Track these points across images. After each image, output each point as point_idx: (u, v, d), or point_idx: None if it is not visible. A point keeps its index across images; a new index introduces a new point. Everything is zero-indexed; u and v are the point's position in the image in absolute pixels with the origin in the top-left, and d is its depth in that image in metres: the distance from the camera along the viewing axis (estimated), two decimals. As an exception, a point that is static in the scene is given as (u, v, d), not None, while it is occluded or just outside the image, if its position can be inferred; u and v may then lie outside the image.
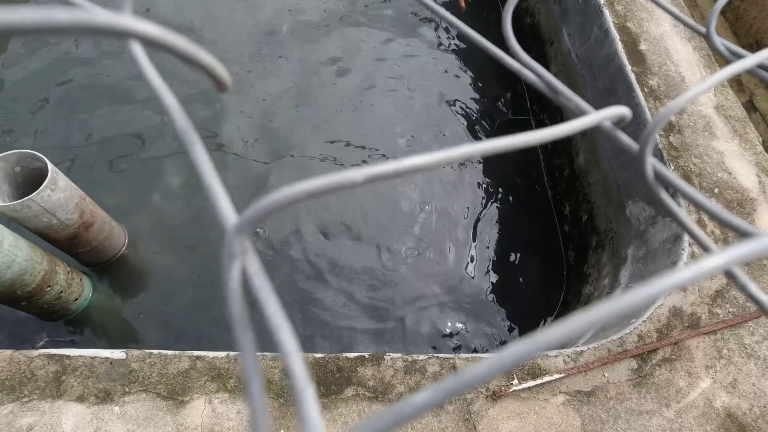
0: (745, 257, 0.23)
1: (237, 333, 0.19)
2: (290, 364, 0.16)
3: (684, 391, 1.77)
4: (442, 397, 0.15)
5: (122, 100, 3.49)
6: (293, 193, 0.19)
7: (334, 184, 0.19)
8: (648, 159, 0.29)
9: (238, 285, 0.19)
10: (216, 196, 0.21)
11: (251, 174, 3.30)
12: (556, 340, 0.16)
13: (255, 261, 0.20)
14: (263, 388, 0.18)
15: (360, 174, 0.20)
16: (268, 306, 0.18)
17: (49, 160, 2.23)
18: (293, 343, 0.17)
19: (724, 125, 2.70)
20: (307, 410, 0.15)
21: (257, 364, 0.19)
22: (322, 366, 1.78)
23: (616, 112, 0.33)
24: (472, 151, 0.23)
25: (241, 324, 0.19)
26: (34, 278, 2.35)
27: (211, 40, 3.89)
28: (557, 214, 3.47)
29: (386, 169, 0.20)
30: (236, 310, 0.19)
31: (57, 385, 1.66)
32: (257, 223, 0.20)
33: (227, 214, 0.21)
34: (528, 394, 1.73)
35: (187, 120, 0.22)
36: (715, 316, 1.96)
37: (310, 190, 0.19)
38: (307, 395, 0.16)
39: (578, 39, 3.44)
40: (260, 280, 0.19)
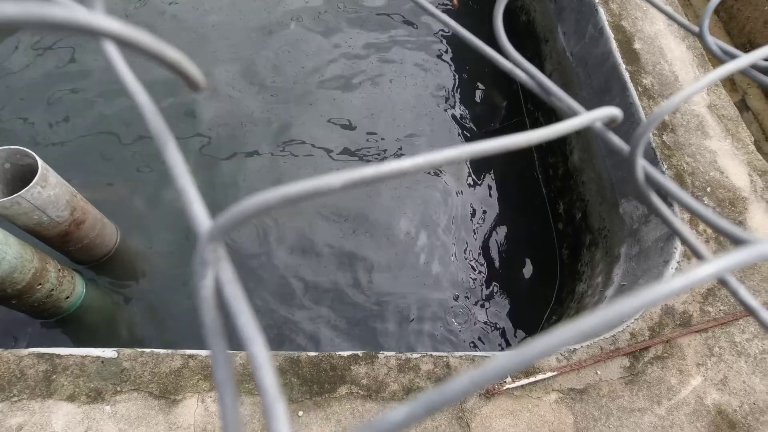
0: (737, 265, 0.23)
1: (210, 343, 0.18)
2: (261, 377, 0.16)
3: (675, 389, 1.79)
4: (422, 413, 0.15)
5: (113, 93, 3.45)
6: (269, 199, 0.18)
7: (311, 189, 0.19)
8: (639, 161, 0.29)
9: (211, 294, 0.18)
10: (189, 199, 0.20)
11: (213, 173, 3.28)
12: (542, 352, 0.16)
13: (229, 269, 0.19)
14: (236, 399, 0.17)
15: (338, 179, 0.19)
16: (241, 317, 0.17)
17: (39, 157, 2.21)
18: (265, 355, 0.16)
19: (716, 124, 2.72)
20: (277, 427, 0.15)
21: (231, 375, 0.19)
22: (316, 364, 1.77)
23: (607, 113, 0.32)
24: (456, 155, 0.22)
25: (213, 334, 0.18)
26: (24, 276, 2.32)
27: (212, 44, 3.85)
28: (551, 212, 3.48)
29: (365, 173, 0.19)
30: (209, 319, 0.18)
31: (47, 385, 1.64)
32: (231, 230, 0.19)
33: (201, 219, 0.20)
34: (521, 392, 1.74)
35: (161, 119, 0.21)
36: (706, 314, 1.98)
37: (287, 195, 0.18)
38: (277, 411, 0.15)
39: (573, 37, 3.44)
40: (233, 289, 0.18)
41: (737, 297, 0.27)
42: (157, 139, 0.21)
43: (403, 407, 0.15)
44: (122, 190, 3.10)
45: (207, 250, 0.19)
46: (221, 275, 0.19)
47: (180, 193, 0.21)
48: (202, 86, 0.20)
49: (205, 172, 3.21)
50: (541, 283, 3.20)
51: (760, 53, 0.43)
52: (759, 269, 2.18)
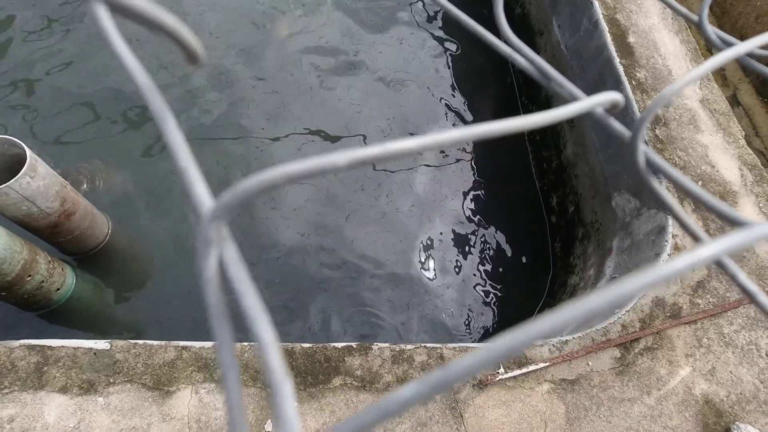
0: (736, 246, 0.23)
1: (214, 325, 0.18)
2: (267, 357, 0.16)
3: (664, 379, 1.82)
4: (429, 392, 0.15)
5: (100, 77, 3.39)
6: (273, 177, 0.18)
7: (315, 167, 0.18)
8: (640, 147, 0.29)
9: (215, 274, 0.18)
10: (191, 179, 0.20)
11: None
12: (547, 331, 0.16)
13: (232, 249, 0.18)
14: (240, 381, 0.17)
15: (343, 157, 0.18)
16: (245, 297, 0.17)
17: (27, 147, 2.17)
18: (270, 335, 0.16)
19: (708, 119, 2.74)
20: (284, 406, 0.14)
21: (234, 357, 0.18)
22: (310, 356, 1.77)
23: (609, 97, 0.32)
24: (460, 136, 0.22)
25: (217, 315, 0.18)
26: (14, 267, 2.29)
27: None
28: (545, 205, 3.50)
29: (370, 152, 0.19)
30: (213, 300, 0.18)
31: (39, 376, 1.63)
32: (235, 209, 0.19)
33: (203, 198, 0.20)
34: (514, 382, 1.76)
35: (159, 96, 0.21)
36: (695, 306, 2.01)
37: (291, 173, 0.18)
38: (284, 390, 0.15)
39: (568, 30, 3.44)
40: (237, 269, 0.18)
41: (736, 281, 0.27)
42: (156, 116, 0.21)
43: (412, 384, 0.15)
44: (113, 181, 3.06)
45: (210, 229, 0.18)
46: (225, 255, 0.18)
47: (181, 173, 0.20)
48: (202, 59, 0.19)
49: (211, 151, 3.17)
50: (533, 275, 3.22)
51: (757, 41, 0.43)
52: (747, 262, 2.21)
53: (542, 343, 1.83)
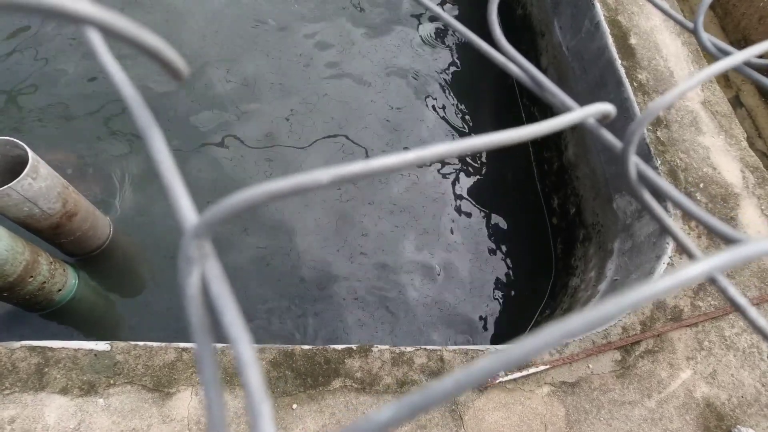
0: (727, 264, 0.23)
1: (196, 342, 0.18)
2: (247, 377, 0.16)
3: (665, 382, 1.81)
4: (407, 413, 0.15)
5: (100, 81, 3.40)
6: (256, 195, 0.18)
7: (298, 185, 0.18)
8: (631, 158, 0.29)
9: (197, 292, 0.18)
10: (175, 195, 0.20)
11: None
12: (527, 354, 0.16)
13: (215, 266, 0.19)
14: (222, 396, 0.17)
15: (326, 174, 0.18)
16: (226, 315, 0.17)
17: (29, 148, 2.18)
18: (251, 354, 0.16)
19: (710, 121, 2.73)
20: (262, 426, 0.14)
21: (216, 373, 0.19)
22: (310, 358, 1.77)
23: (600, 109, 0.32)
24: (445, 151, 0.22)
25: (200, 332, 0.18)
26: (16, 268, 2.30)
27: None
28: (546, 206, 3.49)
29: (353, 169, 0.19)
30: (195, 318, 0.18)
31: (39, 378, 1.63)
32: (217, 226, 0.19)
33: (187, 215, 0.20)
34: (514, 385, 1.76)
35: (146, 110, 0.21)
36: (697, 309, 2.00)
37: (273, 191, 0.18)
38: (263, 411, 0.15)
39: (569, 31, 3.43)
40: (220, 286, 0.18)
41: (726, 295, 0.27)
42: (143, 132, 0.21)
43: (389, 407, 0.15)
44: (115, 183, 3.07)
45: (192, 246, 0.18)
46: (207, 272, 0.19)
47: (167, 189, 0.20)
48: (184, 75, 0.20)
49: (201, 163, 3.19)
50: (535, 277, 3.22)
51: (754, 50, 0.43)
52: (749, 265, 2.20)
53: (542, 346, 1.83)
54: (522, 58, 0.41)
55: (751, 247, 0.20)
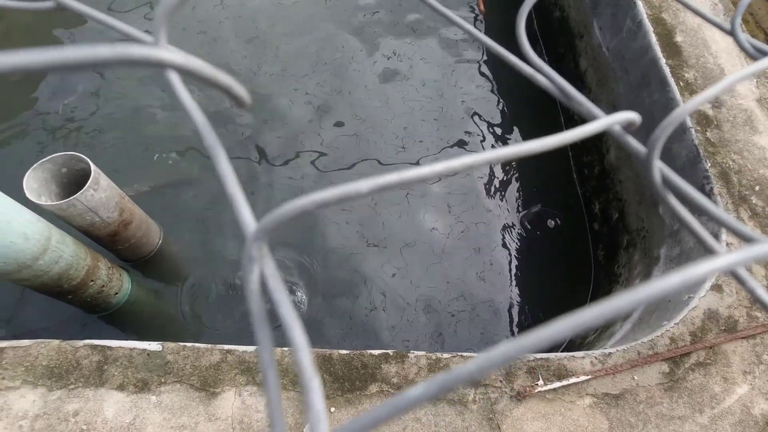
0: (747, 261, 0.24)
1: (256, 330, 0.21)
2: (299, 358, 0.18)
3: (719, 397, 1.71)
4: (435, 391, 0.17)
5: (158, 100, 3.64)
6: (305, 204, 0.21)
7: (341, 195, 0.21)
8: (655, 164, 0.30)
9: (257, 287, 0.21)
10: (238, 204, 0.23)
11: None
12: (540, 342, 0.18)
13: (271, 265, 0.22)
14: (278, 380, 0.20)
15: (365, 185, 0.21)
16: (282, 306, 0.20)
17: (91, 162, 2.36)
18: (303, 339, 0.19)
19: (767, 119, 2.57)
20: (313, 399, 0.17)
21: (273, 359, 0.22)
22: (347, 362, 1.81)
23: (625, 116, 0.33)
24: (473, 162, 0.24)
25: (259, 322, 0.21)
26: (79, 273, 2.49)
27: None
28: (587, 211, 3.39)
29: (389, 180, 0.22)
30: (255, 309, 0.21)
31: (99, 374, 1.76)
32: (274, 230, 0.22)
33: (247, 221, 0.23)
34: (553, 395, 1.71)
35: (214, 134, 0.25)
36: (754, 319, 1.88)
37: (319, 200, 0.21)
38: (313, 385, 0.17)
39: (609, 32, 3.33)
40: (276, 282, 0.21)
41: (754, 296, 0.27)
42: (211, 152, 0.25)
43: (420, 385, 0.17)
44: (165, 191, 3.27)
45: (253, 248, 0.22)
46: (265, 270, 0.22)
47: (230, 200, 0.24)
48: (248, 104, 0.23)
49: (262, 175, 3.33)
50: (575, 284, 3.12)
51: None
52: (814, 273, 2.04)
53: (583, 355, 1.78)
54: (549, 69, 0.42)
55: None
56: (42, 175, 2.39)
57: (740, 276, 0.27)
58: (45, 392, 1.72)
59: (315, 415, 0.17)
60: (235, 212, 0.24)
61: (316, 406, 0.17)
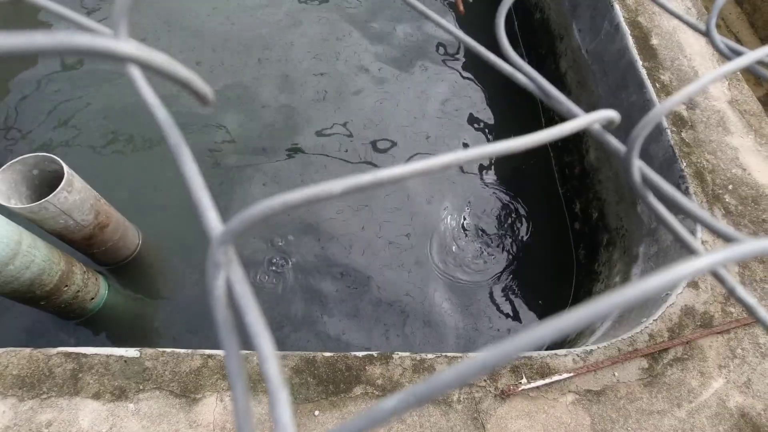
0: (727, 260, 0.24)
1: (222, 338, 0.20)
2: (266, 368, 0.17)
3: (696, 391, 1.75)
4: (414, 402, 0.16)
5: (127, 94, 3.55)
6: (273, 205, 0.20)
7: (312, 195, 0.20)
8: (635, 162, 0.30)
9: (223, 293, 0.20)
10: (203, 207, 0.22)
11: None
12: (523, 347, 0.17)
13: (239, 270, 0.21)
14: (247, 389, 0.19)
15: (338, 186, 0.20)
16: (249, 313, 0.19)
17: (64, 163, 2.29)
18: (270, 348, 0.18)
19: (738, 120, 2.65)
20: (280, 412, 0.16)
21: (241, 367, 0.20)
22: (331, 364, 1.79)
23: (605, 115, 0.33)
24: (450, 161, 0.23)
25: (225, 331, 0.20)
26: (52, 278, 2.41)
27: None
28: (568, 211, 3.44)
29: (363, 180, 0.21)
30: (221, 316, 0.20)
31: (74, 383, 1.70)
32: (240, 234, 0.21)
33: (213, 224, 0.22)
34: (537, 393, 1.73)
35: (177, 132, 0.23)
36: (728, 315, 1.93)
37: (289, 202, 0.20)
38: (281, 398, 0.16)
39: (588, 34, 3.39)
40: (243, 288, 0.20)
41: (734, 295, 0.27)
42: (174, 151, 0.23)
43: (394, 397, 0.16)
44: (143, 193, 3.19)
45: (219, 252, 0.20)
46: (232, 276, 0.21)
47: (195, 202, 0.23)
48: (211, 101, 0.22)
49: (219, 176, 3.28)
50: (557, 283, 3.16)
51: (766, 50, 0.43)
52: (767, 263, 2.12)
53: (565, 353, 1.80)
54: (529, 67, 0.42)
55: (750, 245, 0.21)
56: (11, 177, 2.31)
57: (721, 275, 0.27)
58: (16, 402, 1.65)
59: (282, 428, 0.16)
60: (200, 215, 0.22)
61: (282, 420, 0.16)
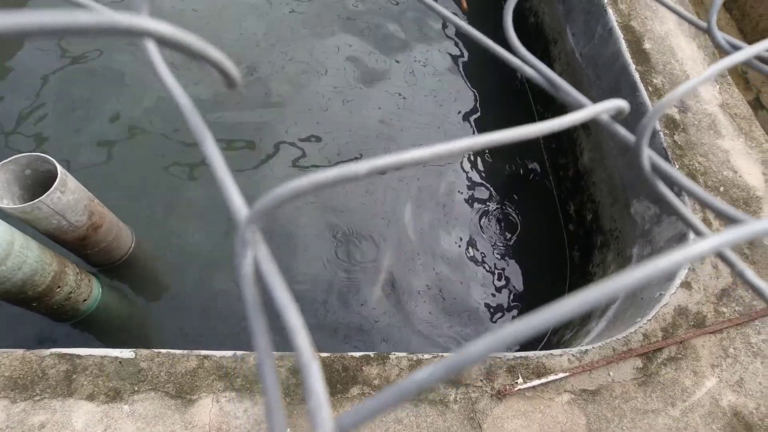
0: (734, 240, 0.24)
1: (249, 315, 0.20)
2: (296, 340, 0.18)
3: (690, 390, 1.77)
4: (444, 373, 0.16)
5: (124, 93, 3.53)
6: (300, 186, 0.20)
7: (338, 176, 0.20)
8: (645, 151, 0.30)
9: (251, 271, 0.20)
10: (228, 189, 0.22)
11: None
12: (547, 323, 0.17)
13: (264, 249, 0.21)
14: (275, 369, 0.19)
15: (362, 167, 0.21)
16: (276, 288, 0.19)
17: (58, 162, 2.27)
18: (299, 321, 0.18)
19: (729, 123, 2.69)
20: (313, 383, 0.16)
21: (270, 347, 0.21)
22: (328, 365, 1.79)
23: (615, 104, 0.34)
24: (472, 144, 0.24)
25: (253, 308, 0.20)
26: (45, 279, 2.38)
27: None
28: (562, 213, 3.46)
29: (386, 161, 0.21)
30: (249, 294, 0.20)
31: (68, 384, 1.68)
32: (267, 214, 0.21)
33: (239, 206, 0.22)
34: (533, 393, 1.74)
35: (199, 117, 0.24)
36: (720, 314, 1.96)
37: (315, 182, 0.20)
38: (313, 369, 0.17)
39: (582, 38, 3.43)
40: (269, 266, 0.20)
41: (743, 278, 0.28)
42: (196, 135, 0.23)
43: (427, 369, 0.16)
44: (137, 194, 3.17)
45: (246, 232, 0.21)
46: (258, 255, 0.21)
47: (219, 184, 0.23)
48: (239, 83, 0.22)
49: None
50: (552, 285, 3.18)
51: (765, 44, 0.44)
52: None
53: (561, 353, 1.81)
54: (536, 60, 0.43)
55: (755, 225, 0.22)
56: (4, 177, 2.28)
57: (729, 258, 0.27)
58: (8, 404, 1.63)
59: (316, 400, 0.16)
60: (225, 197, 0.22)
61: (316, 391, 0.16)
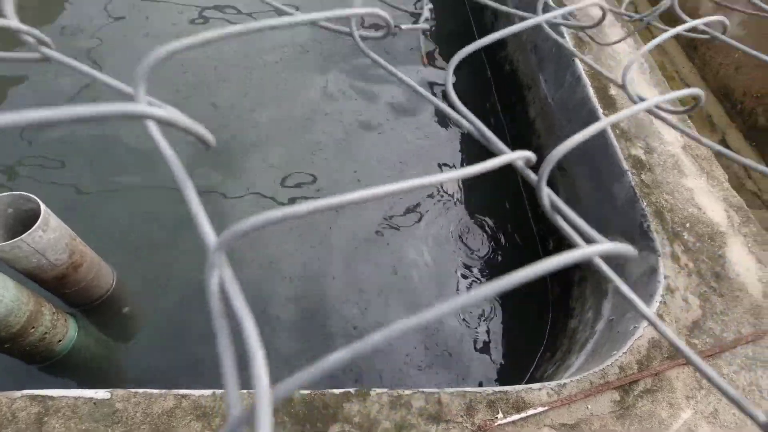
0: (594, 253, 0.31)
1: (216, 323, 0.25)
2: (248, 337, 0.23)
3: (666, 422, 1.79)
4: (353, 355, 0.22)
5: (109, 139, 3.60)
6: (258, 221, 0.26)
7: (286, 214, 0.27)
8: (544, 189, 0.37)
9: (217, 289, 0.26)
10: (200, 220, 0.28)
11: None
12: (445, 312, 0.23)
13: (229, 271, 0.26)
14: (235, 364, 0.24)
15: (304, 207, 0.27)
16: (236, 301, 0.25)
17: (41, 202, 2.29)
18: (251, 323, 0.23)
19: (691, 164, 2.87)
20: (257, 370, 0.22)
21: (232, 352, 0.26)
22: (308, 403, 1.78)
23: (525, 155, 0.41)
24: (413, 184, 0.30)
25: (218, 317, 0.25)
26: (20, 319, 2.34)
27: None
28: (542, 249, 3.56)
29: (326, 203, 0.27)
30: (215, 308, 0.26)
31: (39, 427, 1.63)
32: (232, 243, 0.27)
33: (209, 234, 0.28)
34: (513, 428, 1.74)
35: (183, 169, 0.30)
36: (692, 346, 2.01)
37: (269, 219, 0.26)
38: (258, 357, 0.22)
39: (553, 85, 3.67)
40: (232, 284, 0.26)
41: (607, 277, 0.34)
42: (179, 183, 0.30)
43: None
44: (118, 233, 3.17)
45: (214, 257, 0.26)
46: (224, 275, 0.26)
47: (193, 217, 0.29)
48: (213, 145, 0.29)
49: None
50: (533, 319, 3.22)
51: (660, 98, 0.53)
52: (742, 301, 2.24)
53: (540, 387, 1.83)
54: (472, 115, 0.51)
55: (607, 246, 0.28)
56: (-14, 215, 2.29)
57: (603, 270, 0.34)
58: (-27, 450, 1.57)
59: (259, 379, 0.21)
60: (197, 227, 0.28)
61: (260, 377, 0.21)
